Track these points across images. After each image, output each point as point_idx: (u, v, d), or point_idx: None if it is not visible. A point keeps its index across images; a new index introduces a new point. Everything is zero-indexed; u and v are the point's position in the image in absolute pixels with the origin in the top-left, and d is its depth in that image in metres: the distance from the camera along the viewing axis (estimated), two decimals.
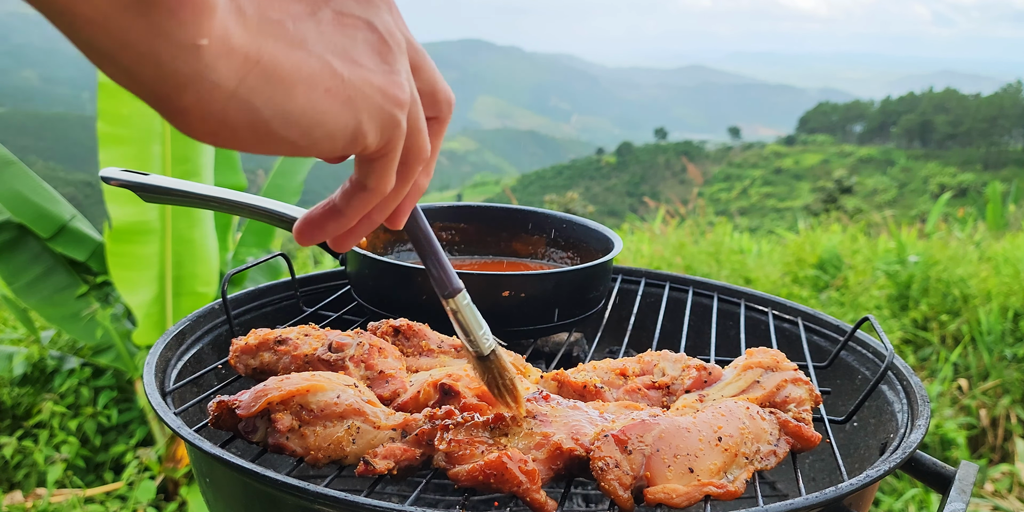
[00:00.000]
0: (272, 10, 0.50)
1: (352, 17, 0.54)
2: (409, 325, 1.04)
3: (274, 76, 0.49)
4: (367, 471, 0.76)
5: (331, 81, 0.52)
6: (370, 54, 0.54)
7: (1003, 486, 3.41)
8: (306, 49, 0.51)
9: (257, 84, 0.48)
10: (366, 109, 0.54)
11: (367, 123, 0.54)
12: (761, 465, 0.79)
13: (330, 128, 0.53)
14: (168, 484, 3.43)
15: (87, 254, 3.68)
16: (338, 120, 0.53)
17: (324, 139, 0.53)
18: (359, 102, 0.54)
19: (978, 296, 4.56)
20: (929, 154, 72.42)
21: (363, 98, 0.54)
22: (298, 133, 0.51)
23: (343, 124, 0.53)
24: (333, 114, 0.52)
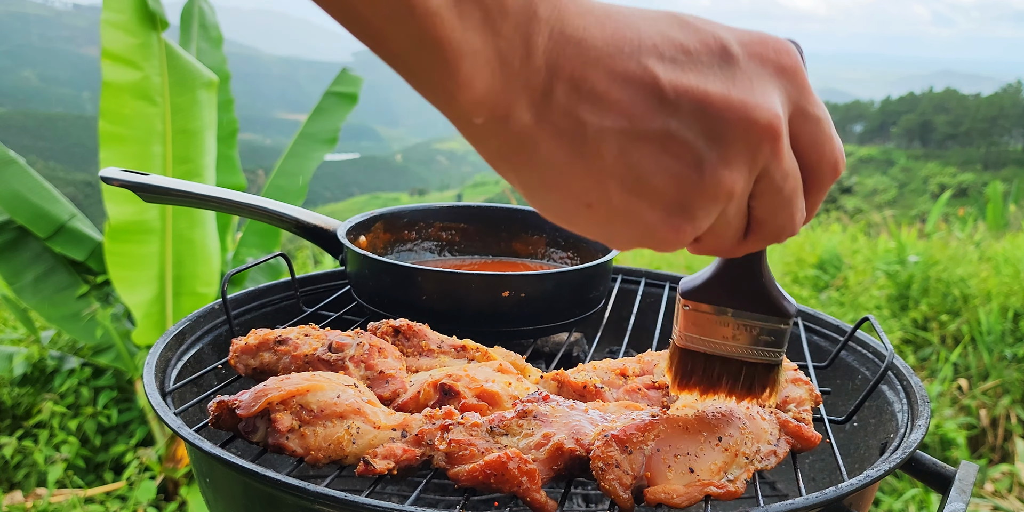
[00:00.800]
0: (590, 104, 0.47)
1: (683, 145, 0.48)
2: (409, 325, 1.04)
3: (540, 170, 0.48)
4: (367, 471, 0.76)
5: (596, 200, 0.49)
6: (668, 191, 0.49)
7: (1003, 486, 3.41)
8: (590, 164, 0.48)
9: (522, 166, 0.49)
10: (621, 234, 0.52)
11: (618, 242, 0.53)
12: (761, 465, 0.79)
13: (582, 227, 0.52)
14: (168, 484, 3.43)
15: (86, 254, 3.68)
16: (589, 229, 0.52)
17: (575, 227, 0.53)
18: (616, 227, 0.51)
19: (978, 296, 4.56)
20: (929, 154, 72.44)
21: (623, 226, 0.51)
22: (553, 215, 0.52)
23: (594, 233, 0.53)
24: (584, 223, 0.52)
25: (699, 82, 0.48)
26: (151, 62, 3.34)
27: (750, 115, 0.48)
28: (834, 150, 0.55)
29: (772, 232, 0.56)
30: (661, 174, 0.49)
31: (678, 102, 0.47)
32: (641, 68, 0.47)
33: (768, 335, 0.72)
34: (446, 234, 1.47)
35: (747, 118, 0.48)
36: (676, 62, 0.48)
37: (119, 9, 3.26)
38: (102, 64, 3.28)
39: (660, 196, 0.50)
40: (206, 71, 3.50)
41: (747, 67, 0.50)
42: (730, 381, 0.76)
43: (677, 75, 0.48)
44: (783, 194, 0.53)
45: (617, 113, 0.47)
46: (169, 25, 3.39)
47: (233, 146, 4.15)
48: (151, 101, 3.37)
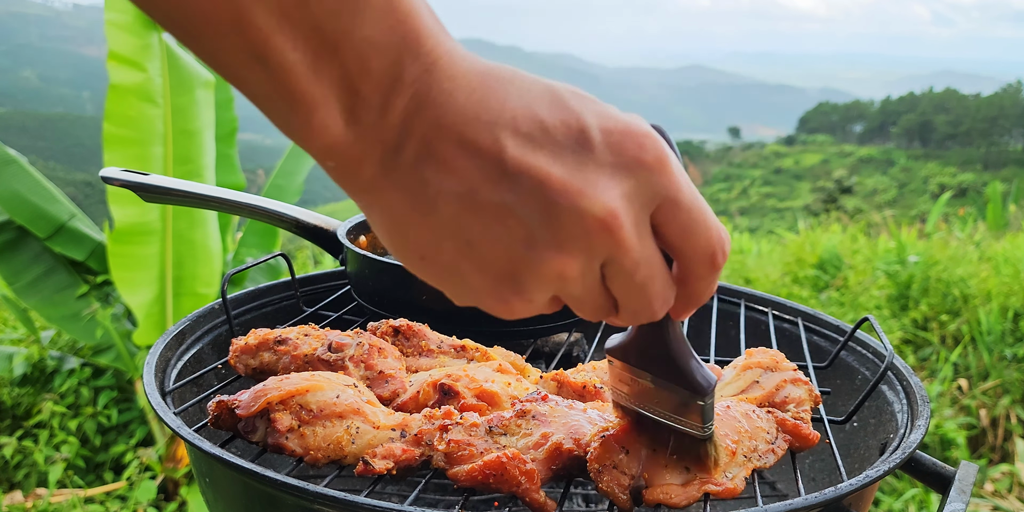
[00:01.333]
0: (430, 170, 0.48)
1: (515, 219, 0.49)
2: (409, 325, 1.04)
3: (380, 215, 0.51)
4: (366, 471, 0.76)
5: (429, 253, 0.52)
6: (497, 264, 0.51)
7: (1003, 486, 3.41)
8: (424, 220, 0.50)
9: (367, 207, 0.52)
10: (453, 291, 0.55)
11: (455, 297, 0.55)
12: (760, 463, 0.79)
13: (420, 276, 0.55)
14: (168, 484, 3.43)
15: (86, 254, 3.68)
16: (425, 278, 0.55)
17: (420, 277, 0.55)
18: (448, 284, 0.54)
19: (978, 296, 4.56)
20: (929, 154, 72.43)
21: (454, 284, 0.54)
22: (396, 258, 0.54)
23: (431, 282, 0.55)
24: (419, 271, 0.54)
25: (544, 163, 0.48)
26: (153, 63, 3.35)
27: (582, 204, 0.49)
28: (708, 240, 0.54)
29: (630, 313, 0.57)
30: (491, 244, 0.50)
31: (518, 178, 0.48)
32: (492, 139, 0.48)
33: (685, 406, 0.70)
34: None
35: (579, 207, 0.49)
36: (530, 138, 0.48)
37: (121, 9, 3.26)
38: (108, 66, 3.28)
39: (489, 264, 0.51)
40: (204, 71, 3.50)
41: (601, 156, 0.50)
42: (661, 442, 0.75)
43: (524, 152, 0.48)
44: (634, 281, 0.54)
45: (458, 178, 0.48)
46: None
47: (232, 145, 4.15)
48: (153, 102, 3.37)
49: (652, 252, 0.53)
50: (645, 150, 0.50)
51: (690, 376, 0.67)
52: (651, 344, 0.67)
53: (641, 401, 0.72)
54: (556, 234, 0.49)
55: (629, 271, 0.53)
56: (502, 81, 0.49)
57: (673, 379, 0.68)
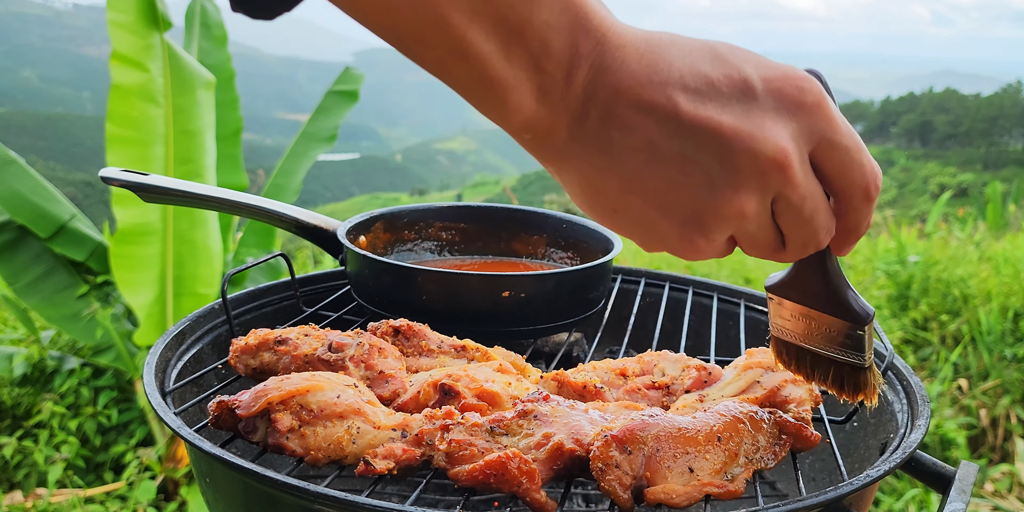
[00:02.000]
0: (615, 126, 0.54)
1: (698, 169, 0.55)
2: (409, 325, 1.04)
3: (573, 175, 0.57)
4: (367, 471, 0.76)
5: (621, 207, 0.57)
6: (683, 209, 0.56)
7: (1003, 486, 3.41)
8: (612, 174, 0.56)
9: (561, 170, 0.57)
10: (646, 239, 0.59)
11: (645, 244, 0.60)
12: (761, 464, 0.79)
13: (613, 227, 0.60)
14: (168, 484, 3.43)
15: (86, 254, 3.68)
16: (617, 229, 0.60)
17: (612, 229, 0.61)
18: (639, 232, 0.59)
19: (978, 296, 4.56)
20: (929, 154, 72.39)
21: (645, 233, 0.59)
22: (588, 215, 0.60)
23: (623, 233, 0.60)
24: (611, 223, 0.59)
25: (715, 113, 0.54)
26: (155, 63, 3.34)
27: (756, 146, 0.54)
28: (863, 176, 0.60)
29: (799, 245, 0.62)
30: (677, 191, 0.55)
31: (694, 130, 0.53)
32: (665, 97, 0.53)
33: (845, 337, 0.75)
34: (446, 234, 1.47)
35: (753, 149, 0.54)
36: (699, 93, 0.54)
37: (123, 9, 3.26)
38: (111, 66, 3.28)
39: (676, 211, 0.56)
40: (205, 71, 3.50)
41: (765, 102, 0.55)
42: (821, 375, 0.80)
43: (696, 106, 0.53)
44: (802, 214, 0.59)
45: (640, 135, 0.54)
46: (172, 25, 3.39)
47: (237, 145, 4.15)
48: (155, 102, 3.37)
49: (815, 186, 0.59)
50: (804, 93, 0.56)
51: (850, 307, 0.73)
52: (811, 279, 0.72)
53: (801, 336, 0.78)
54: (733, 176, 0.55)
55: (797, 205, 0.58)
56: (665, 45, 0.54)
57: (833, 311, 0.73)
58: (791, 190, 0.57)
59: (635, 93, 0.53)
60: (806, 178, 0.57)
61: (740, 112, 0.54)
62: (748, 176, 0.55)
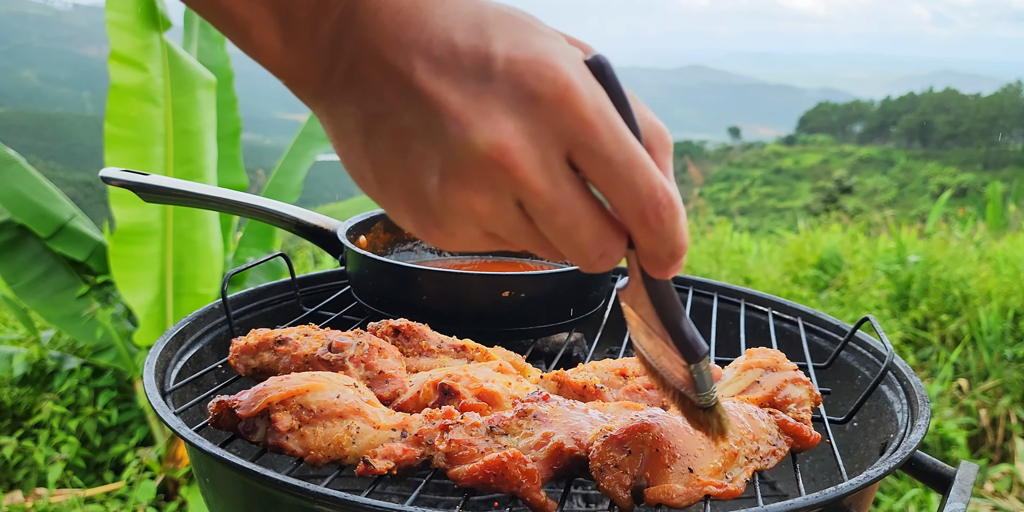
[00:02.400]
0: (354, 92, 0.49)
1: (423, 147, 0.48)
2: (409, 325, 1.04)
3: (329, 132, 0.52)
4: (367, 471, 0.76)
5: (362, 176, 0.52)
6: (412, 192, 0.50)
7: (1003, 486, 3.41)
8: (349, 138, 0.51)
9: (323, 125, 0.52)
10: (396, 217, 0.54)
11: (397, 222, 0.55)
12: (761, 464, 0.79)
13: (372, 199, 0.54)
14: (168, 484, 3.43)
15: (87, 254, 3.68)
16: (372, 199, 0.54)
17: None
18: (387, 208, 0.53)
19: (978, 296, 4.56)
20: (929, 154, 72.38)
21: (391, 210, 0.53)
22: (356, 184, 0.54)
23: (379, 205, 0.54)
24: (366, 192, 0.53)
25: (446, 89, 0.46)
26: (155, 63, 3.34)
27: (470, 136, 0.46)
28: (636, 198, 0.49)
29: (574, 259, 0.53)
30: (403, 172, 0.49)
31: (423, 104, 0.47)
32: (405, 61, 0.47)
33: (682, 368, 0.64)
34: None
35: (467, 139, 0.46)
36: (439, 63, 0.47)
37: (123, 9, 3.25)
38: (109, 66, 3.28)
39: (405, 193, 0.49)
40: (205, 71, 3.50)
41: (500, 87, 0.46)
42: (670, 398, 0.70)
43: (431, 76, 0.46)
44: (554, 226, 0.49)
45: (377, 99, 0.48)
46: (172, 25, 3.39)
47: (236, 145, 4.15)
48: (154, 102, 3.37)
49: (573, 198, 0.49)
50: (543, 83, 0.46)
51: (680, 338, 0.62)
52: (642, 296, 0.60)
53: (648, 351, 0.67)
54: (456, 166, 0.47)
55: (545, 215, 0.49)
56: (432, 2, 0.47)
57: (665, 338, 0.62)
58: (529, 195, 0.48)
59: (379, 51, 0.47)
60: (554, 185, 0.48)
61: (471, 93, 0.46)
62: (471, 170, 0.47)
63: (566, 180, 0.48)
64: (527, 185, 0.47)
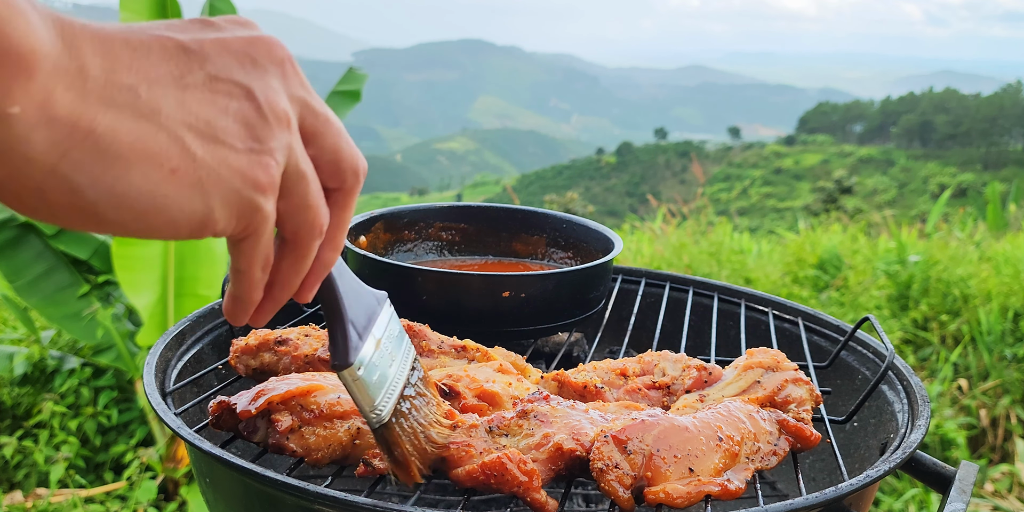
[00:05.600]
0: (126, 73, 0.44)
1: (228, 83, 0.48)
2: (409, 325, 1.04)
3: (108, 152, 0.43)
4: (367, 472, 0.76)
5: (180, 161, 0.46)
6: (238, 128, 0.48)
7: (1003, 486, 3.41)
8: (157, 121, 0.45)
9: (84, 160, 0.42)
10: (218, 194, 0.48)
11: (218, 209, 0.48)
12: (761, 465, 0.79)
13: (172, 214, 0.46)
14: (168, 484, 3.43)
15: (89, 252, 3.68)
16: (183, 205, 0.46)
17: (164, 225, 0.47)
18: (210, 186, 0.47)
19: (978, 296, 4.56)
20: (929, 154, 72.40)
21: (216, 181, 0.47)
22: (131, 217, 0.45)
23: (188, 210, 0.47)
24: (176, 199, 0.46)
25: (216, 35, 0.49)
26: None
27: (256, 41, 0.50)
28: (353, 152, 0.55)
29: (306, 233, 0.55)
30: (224, 114, 0.48)
31: (204, 51, 0.48)
32: (156, 36, 0.47)
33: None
34: (446, 234, 1.47)
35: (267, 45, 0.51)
36: (187, 30, 0.49)
37: (136, 9, 3.25)
38: None
39: (235, 135, 0.48)
40: None
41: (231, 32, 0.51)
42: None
43: (194, 36, 0.48)
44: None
45: (159, 71, 0.46)
46: None
47: None
48: None
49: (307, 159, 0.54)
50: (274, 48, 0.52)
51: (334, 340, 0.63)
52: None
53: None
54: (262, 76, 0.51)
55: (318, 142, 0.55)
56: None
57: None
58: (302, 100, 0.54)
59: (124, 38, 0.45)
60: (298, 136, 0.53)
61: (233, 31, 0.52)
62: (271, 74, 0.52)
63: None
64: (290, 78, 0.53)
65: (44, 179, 0.42)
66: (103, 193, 0.43)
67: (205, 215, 0.48)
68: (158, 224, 0.46)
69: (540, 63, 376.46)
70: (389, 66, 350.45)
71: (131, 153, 0.44)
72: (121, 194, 0.44)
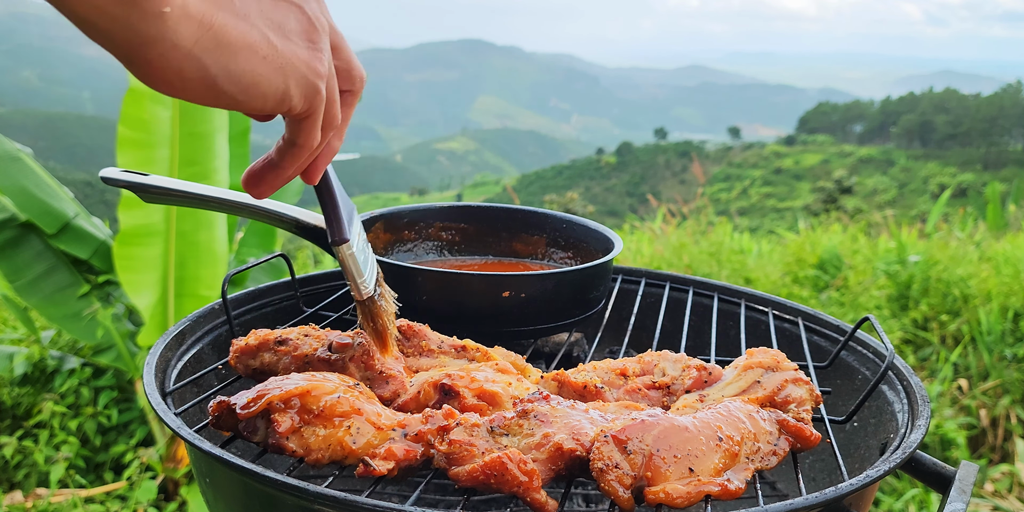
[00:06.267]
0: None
1: (287, 1, 0.65)
2: (409, 325, 1.04)
3: (223, 41, 0.59)
4: (367, 472, 0.76)
5: (267, 50, 0.62)
6: (299, 33, 0.65)
7: (1003, 486, 3.41)
8: (249, 21, 0.61)
9: (209, 46, 0.58)
10: (293, 76, 0.65)
11: (293, 88, 0.65)
12: (761, 465, 0.79)
13: (264, 89, 0.63)
14: (168, 484, 3.43)
15: (90, 252, 3.68)
16: (271, 83, 0.63)
17: (259, 97, 0.63)
18: (288, 70, 0.64)
19: (978, 296, 4.56)
20: (929, 154, 72.40)
21: (292, 67, 0.64)
22: (238, 90, 0.61)
23: (275, 86, 0.64)
24: (267, 77, 0.62)
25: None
26: None
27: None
28: (359, 64, 0.75)
29: (329, 121, 0.72)
30: (288, 19, 0.64)
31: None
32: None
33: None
34: (446, 234, 1.47)
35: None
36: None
37: None
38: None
39: (298, 35, 0.65)
40: None
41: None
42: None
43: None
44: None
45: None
46: None
47: (246, 144, 4.15)
48: (164, 105, 3.38)
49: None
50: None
51: (329, 219, 0.81)
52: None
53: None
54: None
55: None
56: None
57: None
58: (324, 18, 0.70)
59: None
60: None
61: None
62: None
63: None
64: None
65: (183, 60, 0.57)
66: (221, 70, 0.59)
67: (284, 92, 0.65)
68: (255, 96, 0.63)
69: (540, 63, 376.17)
70: (389, 66, 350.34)
71: (237, 42, 0.60)
72: (233, 71, 0.60)
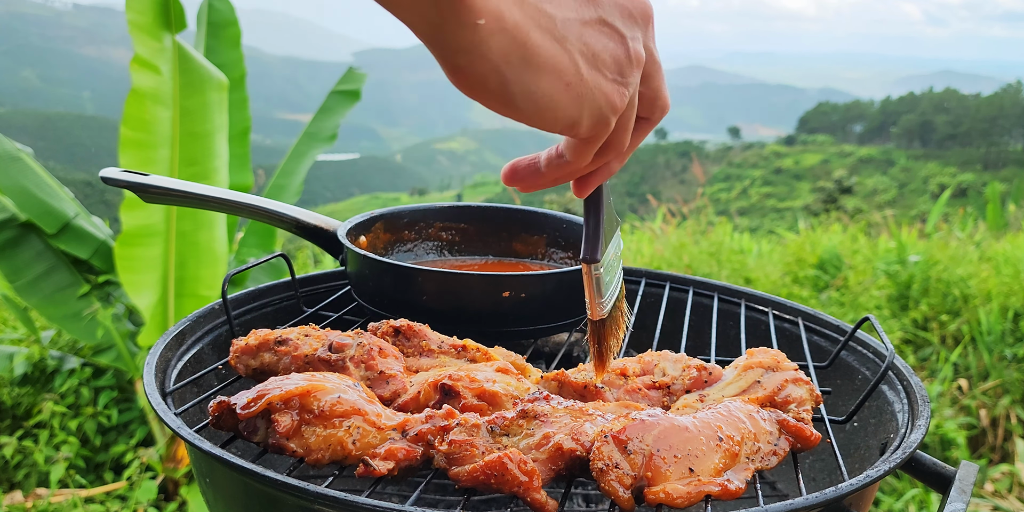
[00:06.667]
0: (548, 4, 0.59)
1: (611, 27, 0.64)
2: (409, 325, 1.04)
3: (531, 60, 0.59)
4: (367, 472, 0.76)
5: (573, 77, 0.62)
6: (612, 63, 0.64)
7: (1003, 486, 3.41)
8: (564, 45, 0.61)
9: (516, 63, 0.58)
10: (589, 107, 0.64)
11: (586, 118, 0.65)
12: (762, 465, 0.79)
13: (557, 114, 0.63)
14: (168, 484, 3.43)
15: (90, 252, 3.68)
16: (566, 110, 0.63)
17: (550, 120, 0.64)
18: (586, 100, 0.63)
19: (978, 296, 4.56)
20: (929, 154, 72.40)
21: (590, 98, 0.64)
22: (533, 110, 0.62)
23: (568, 114, 0.63)
24: (564, 104, 0.62)
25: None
26: (166, 65, 3.34)
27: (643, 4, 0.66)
28: (667, 95, 0.73)
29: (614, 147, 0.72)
30: (605, 50, 0.63)
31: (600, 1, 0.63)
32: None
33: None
34: (446, 234, 1.47)
35: (643, 4, 0.66)
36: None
37: (140, 10, 3.25)
38: (131, 70, 3.28)
39: (609, 67, 0.64)
40: (217, 73, 3.49)
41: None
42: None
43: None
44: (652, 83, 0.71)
45: (569, 7, 0.61)
46: (187, 27, 3.38)
47: (246, 144, 4.15)
48: (165, 105, 3.38)
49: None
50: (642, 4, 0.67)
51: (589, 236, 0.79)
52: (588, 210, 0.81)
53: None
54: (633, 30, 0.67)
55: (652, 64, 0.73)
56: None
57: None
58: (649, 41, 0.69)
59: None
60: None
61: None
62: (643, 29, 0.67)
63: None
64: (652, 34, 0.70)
65: (488, 71, 0.58)
66: (521, 88, 0.60)
67: (575, 120, 0.64)
68: (546, 118, 0.63)
69: None
70: (390, 66, 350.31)
71: (546, 65, 0.60)
72: (531, 92, 0.60)
